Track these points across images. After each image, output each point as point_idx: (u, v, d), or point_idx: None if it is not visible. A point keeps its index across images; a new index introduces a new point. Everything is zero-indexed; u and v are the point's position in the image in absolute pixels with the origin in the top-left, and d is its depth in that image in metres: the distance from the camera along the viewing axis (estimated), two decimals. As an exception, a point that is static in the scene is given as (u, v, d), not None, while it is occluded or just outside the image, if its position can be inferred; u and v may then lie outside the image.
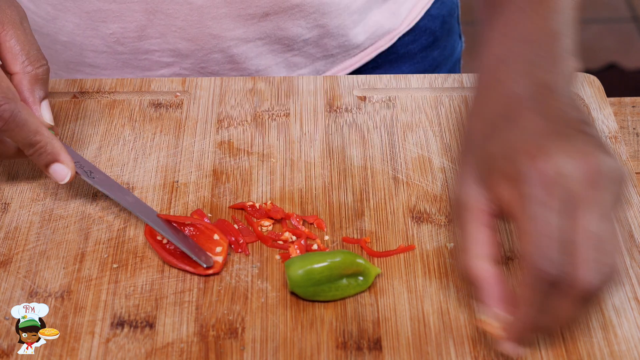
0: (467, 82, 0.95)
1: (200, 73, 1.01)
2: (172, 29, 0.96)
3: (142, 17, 0.96)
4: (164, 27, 0.96)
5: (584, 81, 0.95)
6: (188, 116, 0.92)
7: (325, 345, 0.72)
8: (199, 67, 1.00)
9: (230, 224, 0.80)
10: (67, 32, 0.98)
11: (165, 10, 0.95)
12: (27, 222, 0.81)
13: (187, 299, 0.75)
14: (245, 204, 0.82)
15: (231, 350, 0.72)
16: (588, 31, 2.65)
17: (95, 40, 0.98)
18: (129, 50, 0.99)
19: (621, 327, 0.73)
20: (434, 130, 0.90)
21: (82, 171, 0.81)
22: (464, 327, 0.73)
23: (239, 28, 0.97)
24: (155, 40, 0.98)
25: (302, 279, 0.74)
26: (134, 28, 0.97)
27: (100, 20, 0.96)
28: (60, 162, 0.79)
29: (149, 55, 0.99)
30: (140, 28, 0.97)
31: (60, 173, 0.80)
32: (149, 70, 1.01)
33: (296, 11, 0.98)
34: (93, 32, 0.97)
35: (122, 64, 1.00)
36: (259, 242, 0.80)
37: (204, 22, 0.96)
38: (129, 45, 0.98)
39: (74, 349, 0.72)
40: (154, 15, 0.95)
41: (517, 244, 0.71)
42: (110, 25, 0.96)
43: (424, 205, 0.83)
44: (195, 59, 1.00)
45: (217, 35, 0.97)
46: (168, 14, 0.95)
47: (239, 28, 0.97)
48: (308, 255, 0.76)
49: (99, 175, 0.82)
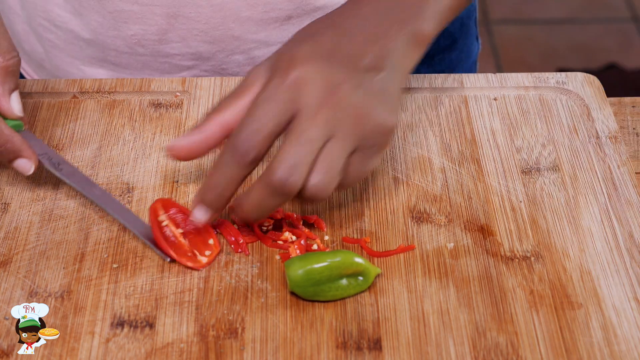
0: (467, 82, 0.95)
1: (221, 74, 1.01)
2: (194, 32, 0.97)
3: (163, 20, 0.96)
4: (185, 31, 0.97)
5: (584, 81, 0.95)
6: (188, 116, 0.92)
7: (325, 345, 0.72)
8: (220, 68, 1.00)
9: (230, 224, 0.80)
10: (90, 30, 0.98)
11: (187, 13, 0.95)
12: (27, 222, 0.81)
13: (187, 299, 0.75)
14: None
15: (231, 350, 0.72)
16: (588, 31, 2.66)
17: (117, 41, 0.99)
18: (150, 52, 0.99)
19: (621, 327, 0.73)
20: (433, 130, 0.90)
21: (50, 163, 0.82)
22: (464, 327, 0.73)
23: (262, 31, 0.97)
24: (175, 45, 0.98)
25: (302, 279, 0.74)
26: (155, 31, 0.97)
27: (122, 21, 0.97)
28: (23, 157, 0.81)
29: (170, 59, 1.00)
30: (161, 32, 0.97)
31: (24, 167, 0.81)
32: (169, 73, 1.01)
33: (319, 14, 0.97)
34: (115, 33, 0.98)
35: (142, 65, 1.01)
36: (259, 242, 0.80)
37: (227, 24, 0.96)
38: (149, 48, 0.99)
39: (74, 349, 0.72)
40: (175, 19, 0.96)
41: None
42: (132, 26, 0.97)
43: (423, 205, 0.83)
44: (216, 61, 1.00)
45: (239, 37, 0.97)
46: (189, 17, 0.95)
47: (262, 31, 0.97)
48: (308, 255, 0.76)
49: (66, 167, 0.83)
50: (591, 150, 0.88)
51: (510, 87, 0.95)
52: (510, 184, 0.85)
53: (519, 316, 0.74)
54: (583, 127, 0.91)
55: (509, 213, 0.82)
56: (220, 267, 0.78)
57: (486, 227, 0.81)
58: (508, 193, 0.84)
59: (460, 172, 0.86)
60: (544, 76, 0.96)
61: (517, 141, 0.89)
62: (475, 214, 0.82)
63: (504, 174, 0.86)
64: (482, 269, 0.78)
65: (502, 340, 0.72)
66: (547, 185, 0.85)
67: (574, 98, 0.94)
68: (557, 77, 0.96)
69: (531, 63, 2.52)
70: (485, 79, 0.96)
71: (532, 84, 0.95)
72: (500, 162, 0.87)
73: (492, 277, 0.77)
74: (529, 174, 0.86)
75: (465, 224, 0.81)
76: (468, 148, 0.88)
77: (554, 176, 0.86)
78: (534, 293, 0.76)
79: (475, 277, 0.77)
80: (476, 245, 0.79)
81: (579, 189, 0.84)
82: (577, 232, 0.81)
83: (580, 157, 0.88)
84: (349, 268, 0.75)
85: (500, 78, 0.96)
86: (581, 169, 0.86)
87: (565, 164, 0.87)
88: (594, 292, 0.76)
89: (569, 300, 0.75)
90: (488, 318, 0.74)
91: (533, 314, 0.74)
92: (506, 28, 2.67)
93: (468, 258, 0.78)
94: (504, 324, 0.74)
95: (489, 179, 0.85)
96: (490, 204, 0.83)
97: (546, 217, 0.82)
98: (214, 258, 0.78)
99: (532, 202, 0.83)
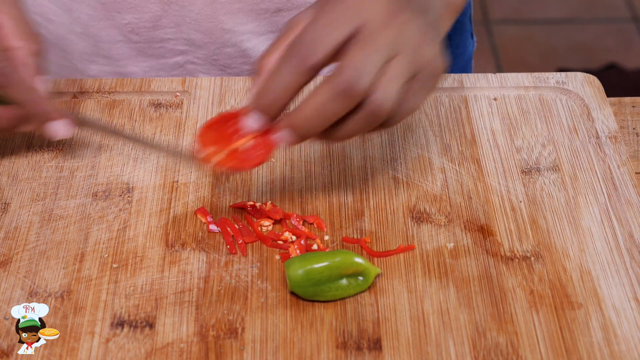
0: (467, 82, 0.95)
1: (212, 65, 1.02)
2: (187, 20, 0.98)
3: (157, 7, 0.97)
4: (179, 17, 0.98)
5: (584, 81, 0.95)
6: (188, 116, 0.92)
7: (325, 345, 0.72)
8: (212, 59, 1.02)
9: (231, 223, 0.80)
10: (81, 23, 0.99)
11: (180, 1, 0.97)
12: (27, 222, 0.81)
13: (187, 298, 0.75)
14: (246, 204, 0.82)
15: (231, 350, 0.72)
16: (588, 31, 2.66)
17: (110, 30, 1.00)
18: (144, 39, 1.00)
19: (621, 327, 0.73)
20: (433, 130, 0.90)
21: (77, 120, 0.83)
22: (464, 327, 0.73)
23: (252, 22, 0.98)
24: (169, 30, 0.99)
25: (302, 279, 0.74)
26: (149, 18, 0.98)
27: (115, 10, 0.98)
28: (56, 119, 0.81)
29: (164, 44, 1.01)
30: (155, 18, 0.98)
31: (58, 130, 0.82)
32: (163, 58, 1.02)
33: None
34: (108, 23, 0.99)
35: (137, 52, 1.02)
36: (259, 242, 0.80)
37: (218, 17, 0.97)
38: (143, 35, 1.00)
39: (74, 349, 0.72)
40: (168, 6, 0.97)
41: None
42: (125, 15, 0.98)
43: (423, 205, 0.83)
44: (207, 51, 1.01)
45: (229, 29, 0.99)
46: (183, 5, 0.97)
47: (252, 22, 0.98)
48: (308, 255, 0.76)
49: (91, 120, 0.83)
50: (591, 150, 0.88)
51: (510, 87, 0.95)
52: (510, 184, 0.85)
53: (519, 316, 0.74)
54: (583, 127, 0.91)
55: (509, 213, 0.82)
56: (220, 267, 0.78)
57: (486, 227, 0.81)
58: (508, 193, 0.84)
59: (460, 172, 0.86)
60: (543, 76, 0.96)
61: (517, 141, 0.89)
62: (475, 214, 0.82)
63: (504, 174, 0.86)
64: (482, 269, 0.78)
65: (502, 340, 0.72)
66: (547, 185, 0.85)
67: (574, 98, 0.94)
68: (557, 77, 0.96)
69: (531, 63, 2.52)
70: (485, 79, 0.96)
71: (532, 84, 0.95)
72: (500, 162, 0.87)
73: (492, 277, 0.77)
74: (529, 174, 0.86)
75: (465, 224, 0.81)
76: (468, 148, 0.88)
77: (554, 176, 0.86)
78: (534, 293, 0.76)
79: (475, 277, 0.77)
80: (476, 245, 0.79)
81: (579, 189, 0.84)
82: (577, 232, 0.81)
83: (580, 157, 0.88)
84: (348, 268, 0.75)
85: (500, 78, 0.96)
86: (581, 169, 0.87)
87: (565, 164, 0.87)
88: (594, 292, 0.76)
89: (569, 300, 0.75)
90: (488, 318, 0.74)
91: (533, 314, 0.74)
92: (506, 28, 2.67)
93: (468, 258, 0.78)
94: (504, 324, 0.74)
95: (489, 179, 0.85)
96: (490, 204, 0.83)
97: (546, 217, 0.82)
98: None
99: (532, 202, 0.83)
